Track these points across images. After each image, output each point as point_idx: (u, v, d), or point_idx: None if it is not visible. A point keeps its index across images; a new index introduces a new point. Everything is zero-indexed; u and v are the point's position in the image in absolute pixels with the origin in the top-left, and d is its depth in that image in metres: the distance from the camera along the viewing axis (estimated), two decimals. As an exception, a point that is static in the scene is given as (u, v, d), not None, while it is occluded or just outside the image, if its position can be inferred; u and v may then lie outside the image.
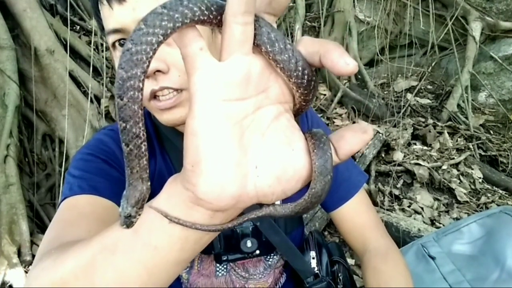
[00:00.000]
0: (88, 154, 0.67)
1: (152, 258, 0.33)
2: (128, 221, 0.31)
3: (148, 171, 0.31)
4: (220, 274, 0.74)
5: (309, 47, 0.29)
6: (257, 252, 0.71)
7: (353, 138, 0.31)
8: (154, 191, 0.62)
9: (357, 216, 0.79)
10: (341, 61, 0.28)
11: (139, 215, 0.32)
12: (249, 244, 0.69)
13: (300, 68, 0.29)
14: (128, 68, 0.27)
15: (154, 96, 0.57)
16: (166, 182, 0.34)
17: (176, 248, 0.33)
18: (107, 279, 0.34)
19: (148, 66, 0.27)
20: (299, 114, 0.34)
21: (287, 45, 0.28)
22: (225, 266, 0.74)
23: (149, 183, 0.31)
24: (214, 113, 0.28)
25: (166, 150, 0.72)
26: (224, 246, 0.70)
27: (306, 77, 0.29)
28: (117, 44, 0.58)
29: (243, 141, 0.29)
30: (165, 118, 0.59)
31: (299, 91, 0.30)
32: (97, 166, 0.65)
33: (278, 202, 0.34)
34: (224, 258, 0.71)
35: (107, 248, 0.35)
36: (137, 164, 0.30)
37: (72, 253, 0.38)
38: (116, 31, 0.56)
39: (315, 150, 0.31)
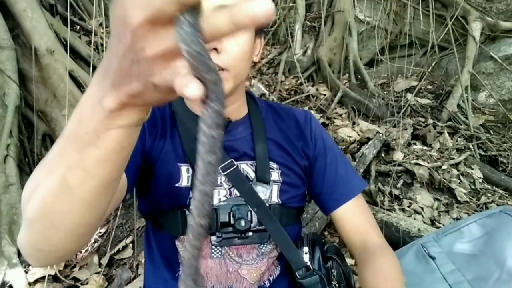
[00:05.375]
0: None
1: (123, 155, 0.39)
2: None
3: None
4: (215, 256, 0.77)
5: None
6: (250, 233, 0.75)
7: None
8: (158, 170, 0.78)
9: (355, 216, 0.83)
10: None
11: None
12: (243, 223, 0.73)
13: None
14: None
15: None
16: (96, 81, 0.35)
17: (135, 136, 0.40)
18: (91, 187, 0.39)
19: None
20: None
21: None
22: (219, 250, 0.77)
23: None
24: None
25: (179, 132, 0.77)
26: (220, 226, 0.74)
27: None
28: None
29: None
30: None
31: None
32: None
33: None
34: (219, 235, 0.74)
35: (74, 166, 0.38)
36: None
37: (42, 182, 0.42)
38: None
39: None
